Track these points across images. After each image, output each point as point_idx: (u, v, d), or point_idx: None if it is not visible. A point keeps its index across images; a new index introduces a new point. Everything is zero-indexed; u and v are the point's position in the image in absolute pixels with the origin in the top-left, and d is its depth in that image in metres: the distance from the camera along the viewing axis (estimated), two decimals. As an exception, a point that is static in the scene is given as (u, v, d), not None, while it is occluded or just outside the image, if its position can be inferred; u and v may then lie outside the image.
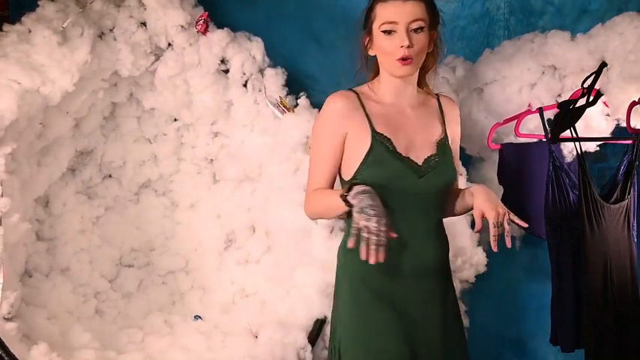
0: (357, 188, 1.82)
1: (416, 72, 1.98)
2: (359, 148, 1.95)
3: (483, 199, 1.89)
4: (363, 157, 1.94)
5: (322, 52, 3.01)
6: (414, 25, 1.90)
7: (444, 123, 2.03)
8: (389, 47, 1.91)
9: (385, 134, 1.95)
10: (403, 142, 1.96)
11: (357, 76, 2.09)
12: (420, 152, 1.97)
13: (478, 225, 1.87)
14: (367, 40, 2.00)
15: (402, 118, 1.99)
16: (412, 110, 2.01)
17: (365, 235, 1.75)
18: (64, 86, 2.45)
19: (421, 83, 2.05)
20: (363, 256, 1.74)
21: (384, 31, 1.92)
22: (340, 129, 1.98)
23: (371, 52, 2.00)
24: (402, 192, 1.94)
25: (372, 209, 1.77)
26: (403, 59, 1.90)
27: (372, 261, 1.75)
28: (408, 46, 1.89)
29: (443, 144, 2.00)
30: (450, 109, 2.07)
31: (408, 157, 1.95)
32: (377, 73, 2.04)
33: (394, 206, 1.90)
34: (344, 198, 1.83)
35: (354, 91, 2.05)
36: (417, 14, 1.89)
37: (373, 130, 1.95)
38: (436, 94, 2.08)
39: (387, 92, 2.01)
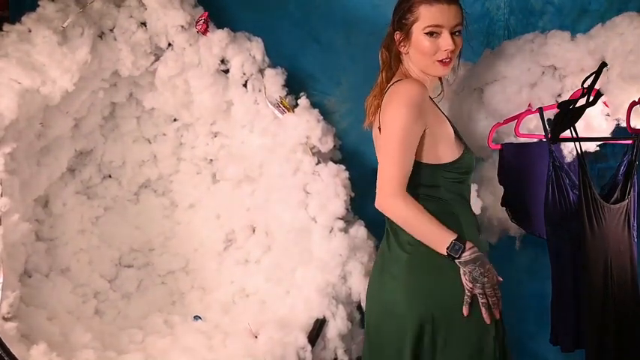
0: (469, 255, 1.93)
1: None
2: (447, 134, 2.09)
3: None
4: (458, 143, 2.11)
5: (322, 52, 3.01)
6: (456, 29, 2.02)
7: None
8: (432, 49, 2.00)
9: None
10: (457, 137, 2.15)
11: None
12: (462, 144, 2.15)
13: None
14: (402, 37, 2.05)
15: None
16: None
17: (482, 300, 1.95)
18: (64, 86, 2.45)
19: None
20: (486, 320, 1.97)
21: (427, 33, 2.00)
22: (423, 117, 2.02)
23: (404, 50, 2.07)
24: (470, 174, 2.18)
25: (485, 277, 1.93)
26: (444, 61, 2.01)
27: (489, 321, 1.98)
28: (452, 50, 2.00)
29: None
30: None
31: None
32: (395, 68, 2.12)
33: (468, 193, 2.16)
34: (451, 256, 1.93)
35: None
36: (459, 18, 2.02)
37: (447, 118, 2.14)
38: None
39: (428, 88, 2.10)
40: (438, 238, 1.95)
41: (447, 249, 1.92)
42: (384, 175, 1.98)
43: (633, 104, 2.35)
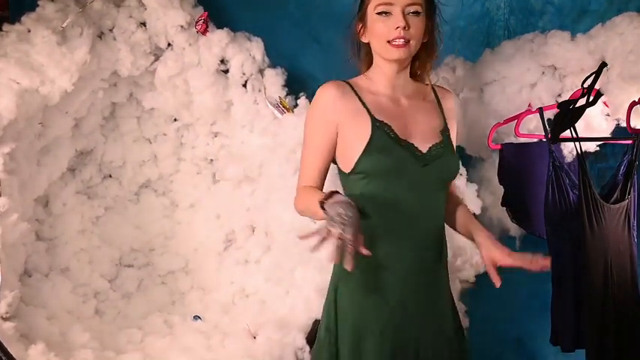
0: (335, 197, 1.74)
1: (409, 58, 1.92)
2: (357, 136, 1.88)
3: (490, 247, 1.89)
4: (364, 145, 1.86)
5: (322, 52, 3.01)
6: (411, 9, 1.86)
7: (442, 113, 1.98)
8: (383, 29, 1.87)
9: (385, 121, 1.89)
10: (403, 130, 1.90)
11: (351, 70, 2.06)
12: (423, 140, 1.91)
13: (497, 280, 1.90)
14: (360, 26, 1.95)
15: (398, 108, 1.93)
16: (407, 100, 1.96)
17: (337, 244, 1.67)
18: (63, 86, 2.45)
19: (415, 75, 2.00)
20: (346, 266, 1.67)
21: (379, 13, 1.88)
22: (331, 118, 1.91)
23: (364, 39, 1.96)
24: (405, 181, 1.87)
25: (340, 218, 1.68)
26: (397, 42, 1.85)
27: (349, 267, 1.66)
28: (404, 28, 1.84)
29: (445, 134, 1.95)
30: (447, 100, 2.02)
31: (412, 144, 1.89)
32: (370, 64, 1.99)
33: (397, 196, 1.87)
34: (321, 205, 1.75)
35: (346, 81, 1.99)
36: None
37: (372, 117, 1.89)
38: (432, 85, 2.02)
39: (381, 81, 1.96)
40: (313, 200, 1.79)
41: (319, 202, 1.76)
42: None
43: (633, 104, 2.35)
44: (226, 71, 2.78)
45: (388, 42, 1.87)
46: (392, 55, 1.89)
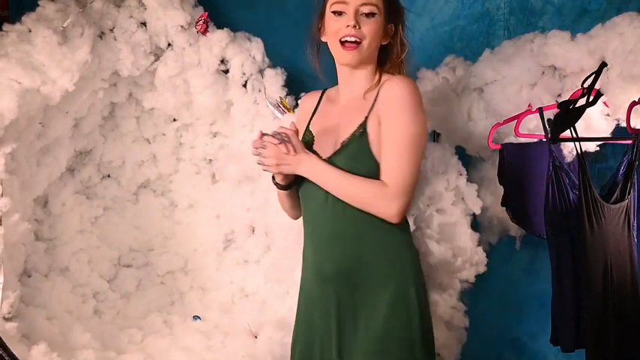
0: None
1: (360, 60, 1.92)
2: None
3: None
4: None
5: (322, 53, 3.00)
6: (365, 9, 1.88)
7: (371, 108, 1.92)
8: (335, 27, 1.90)
9: (313, 131, 2.00)
10: (324, 137, 1.98)
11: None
12: (327, 149, 1.95)
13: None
14: (320, 24, 1.98)
15: (337, 113, 1.99)
16: (350, 102, 1.98)
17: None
18: (64, 86, 2.45)
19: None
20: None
21: (333, 12, 1.90)
22: (302, 127, 2.06)
23: (323, 38, 1.99)
24: (310, 191, 1.96)
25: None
26: (348, 40, 1.88)
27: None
28: (354, 26, 1.86)
29: (354, 135, 1.91)
30: (384, 88, 1.92)
31: (316, 152, 1.96)
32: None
33: (308, 204, 2.00)
34: (273, 181, 2.01)
35: (324, 90, 2.09)
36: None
37: (307, 128, 2.02)
38: (388, 77, 1.97)
39: (341, 84, 2.01)
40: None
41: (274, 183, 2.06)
42: None
43: (633, 104, 2.35)
44: (226, 71, 2.79)
45: (341, 42, 1.90)
46: (343, 59, 1.93)
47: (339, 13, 1.90)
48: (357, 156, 1.90)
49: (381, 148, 1.89)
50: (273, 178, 2.02)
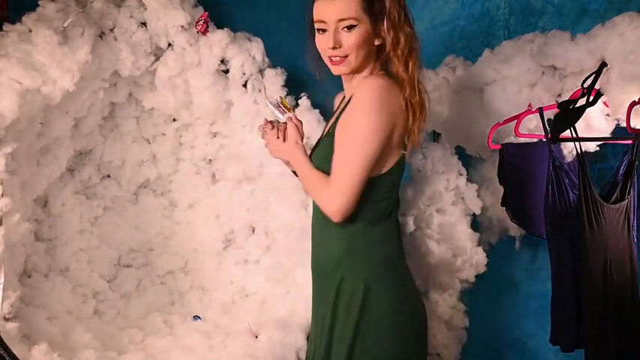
0: None
1: (352, 70, 1.95)
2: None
3: None
4: None
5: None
6: (344, 24, 1.88)
7: (342, 111, 1.98)
8: (320, 45, 1.94)
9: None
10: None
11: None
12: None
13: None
14: (313, 39, 2.00)
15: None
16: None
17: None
18: (64, 86, 2.45)
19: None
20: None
21: (317, 29, 1.93)
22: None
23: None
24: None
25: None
26: (334, 59, 1.92)
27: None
28: (334, 47, 1.89)
29: (328, 135, 2.03)
30: (357, 88, 1.93)
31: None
32: None
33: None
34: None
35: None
36: (345, 13, 1.87)
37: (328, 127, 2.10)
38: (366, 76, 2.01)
39: (344, 87, 2.09)
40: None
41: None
42: None
43: (633, 104, 2.35)
44: (226, 71, 2.78)
45: (329, 60, 1.95)
46: (334, 71, 1.98)
47: (322, 31, 1.92)
48: (325, 155, 1.96)
49: None
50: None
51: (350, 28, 1.88)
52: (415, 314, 2.03)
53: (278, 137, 2.09)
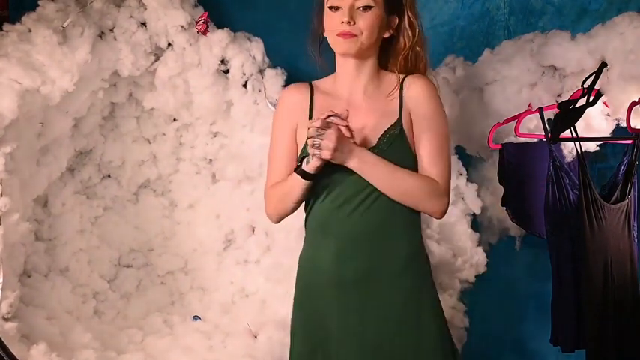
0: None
1: (363, 51, 1.92)
2: (302, 138, 1.93)
3: None
4: (301, 148, 1.95)
5: (323, 53, 3.00)
6: (361, 3, 1.87)
7: (401, 107, 1.95)
8: (331, 23, 1.90)
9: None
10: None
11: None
12: (361, 143, 1.91)
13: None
14: (320, 19, 1.98)
15: (349, 110, 1.90)
16: (366, 100, 1.97)
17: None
18: (64, 86, 2.45)
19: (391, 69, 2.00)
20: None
21: (330, 7, 1.90)
22: (288, 122, 2.00)
23: (325, 34, 1.98)
24: (338, 192, 1.91)
25: (318, 138, 1.79)
26: (343, 34, 1.87)
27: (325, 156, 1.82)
28: (349, 22, 1.86)
29: (392, 134, 1.92)
30: (409, 89, 1.95)
31: None
32: None
33: (334, 204, 1.91)
34: (298, 170, 1.87)
35: (310, 83, 2.05)
36: None
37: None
38: (405, 76, 1.99)
39: (341, 80, 1.99)
40: (288, 178, 1.95)
41: (295, 170, 1.91)
42: None
43: (633, 104, 2.35)
44: (226, 71, 2.78)
45: (338, 35, 1.90)
46: (340, 48, 1.92)
47: (335, 9, 1.90)
48: (398, 153, 1.91)
49: (414, 147, 1.93)
50: (299, 166, 1.90)
51: (366, 9, 1.87)
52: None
53: (352, 137, 1.86)
